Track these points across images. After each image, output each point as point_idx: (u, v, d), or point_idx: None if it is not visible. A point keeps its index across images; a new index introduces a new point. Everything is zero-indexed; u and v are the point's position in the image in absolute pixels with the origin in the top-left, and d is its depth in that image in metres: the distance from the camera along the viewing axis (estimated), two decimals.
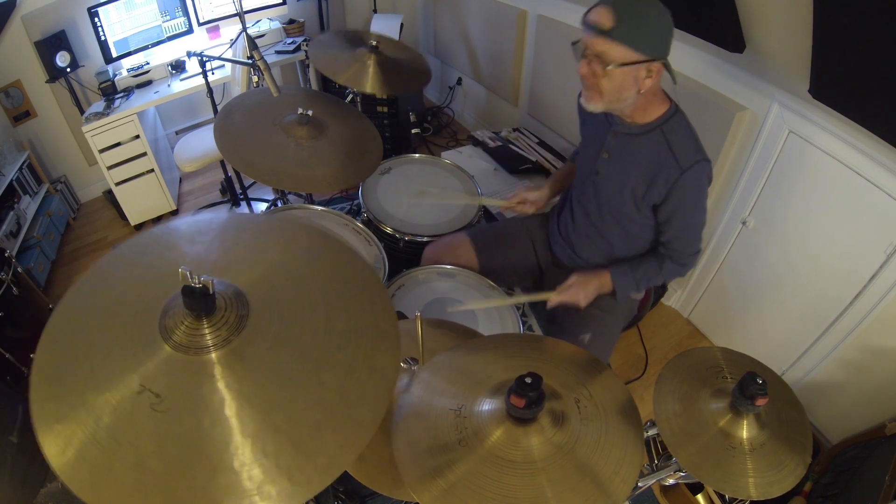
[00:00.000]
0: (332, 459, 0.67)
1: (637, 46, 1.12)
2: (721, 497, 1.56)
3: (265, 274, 0.82)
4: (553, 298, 1.39)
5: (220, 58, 2.11)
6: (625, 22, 1.10)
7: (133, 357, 0.70)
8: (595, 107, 1.23)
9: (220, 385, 0.69)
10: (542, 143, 2.73)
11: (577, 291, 1.39)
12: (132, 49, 2.66)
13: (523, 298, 1.48)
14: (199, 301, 0.69)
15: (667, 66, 1.17)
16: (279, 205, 2.11)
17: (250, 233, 0.92)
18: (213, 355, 0.70)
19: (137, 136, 2.57)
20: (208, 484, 0.63)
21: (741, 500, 1.36)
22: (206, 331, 0.71)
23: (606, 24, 1.11)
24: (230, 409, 0.67)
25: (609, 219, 1.42)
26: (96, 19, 2.44)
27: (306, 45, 2.96)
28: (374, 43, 1.94)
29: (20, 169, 2.54)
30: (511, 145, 2.72)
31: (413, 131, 3.15)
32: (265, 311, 0.76)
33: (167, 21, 2.71)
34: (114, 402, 0.67)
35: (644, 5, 1.12)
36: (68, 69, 2.50)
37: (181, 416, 0.67)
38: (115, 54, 2.59)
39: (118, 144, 2.54)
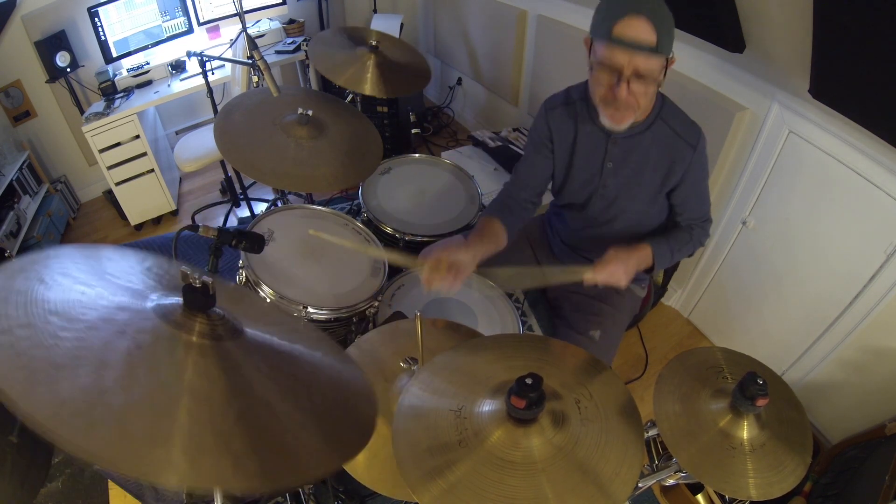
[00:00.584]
0: (314, 462, 0.67)
1: (669, 51, 1.09)
2: (721, 497, 1.56)
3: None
4: (589, 277, 1.21)
5: (220, 58, 2.11)
6: (664, 31, 1.03)
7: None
8: (626, 124, 1.20)
9: (208, 361, 0.67)
10: None
11: (617, 268, 1.21)
12: (132, 49, 2.66)
13: (555, 277, 1.28)
14: (199, 300, 0.69)
15: None
16: (279, 205, 2.11)
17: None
18: (204, 341, 0.69)
19: (137, 136, 2.57)
20: (169, 431, 0.60)
21: (741, 501, 1.36)
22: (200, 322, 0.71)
23: (651, 38, 1.03)
24: (214, 383, 0.66)
25: (622, 220, 1.40)
26: (96, 19, 2.44)
27: (306, 45, 2.96)
28: (375, 43, 1.94)
29: (20, 169, 2.54)
30: (511, 145, 2.72)
31: (413, 131, 3.15)
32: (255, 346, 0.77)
33: (167, 21, 2.72)
34: (89, 319, 0.63)
35: (663, 3, 1.06)
36: (68, 69, 2.50)
37: (160, 365, 0.64)
38: (115, 54, 2.59)
39: (118, 144, 2.54)
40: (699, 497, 1.61)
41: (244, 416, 0.67)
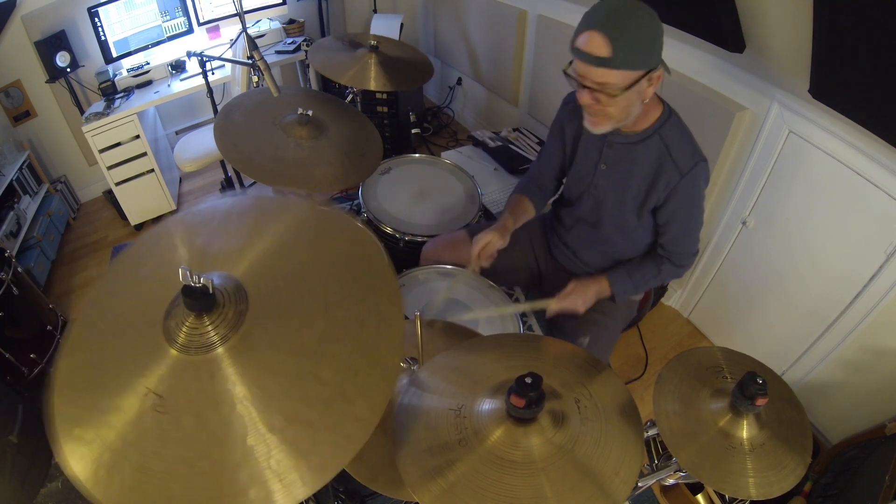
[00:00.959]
0: (327, 459, 0.66)
1: (636, 66, 1.09)
2: (721, 497, 1.56)
3: (264, 260, 0.80)
4: (553, 306, 1.39)
5: (220, 58, 2.11)
6: (622, 46, 1.05)
7: (141, 362, 0.71)
8: (603, 129, 1.22)
9: (216, 385, 0.69)
10: (542, 143, 2.73)
11: (576, 298, 1.38)
12: (132, 49, 2.66)
13: (523, 307, 1.49)
14: (199, 300, 0.69)
15: (664, 66, 1.16)
16: None
17: (254, 215, 0.91)
18: (210, 355, 0.70)
19: (137, 136, 2.57)
20: (211, 482, 0.64)
21: (741, 500, 1.36)
22: (202, 330, 0.71)
23: (603, 52, 1.06)
24: (226, 409, 0.67)
25: (611, 226, 1.42)
26: (96, 19, 2.44)
27: (306, 45, 2.97)
28: (374, 43, 1.94)
29: (20, 169, 2.54)
30: (511, 145, 2.73)
31: (413, 131, 3.15)
32: (263, 303, 0.75)
33: (167, 21, 2.72)
34: (122, 407, 0.68)
35: (635, 20, 1.07)
36: (68, 69, 2.51)
37: (181, 416, 0.67)
38: (115, 54, 2.59)
39: (118, 144, 2.55)
40: (699, 497, 1.61)
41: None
